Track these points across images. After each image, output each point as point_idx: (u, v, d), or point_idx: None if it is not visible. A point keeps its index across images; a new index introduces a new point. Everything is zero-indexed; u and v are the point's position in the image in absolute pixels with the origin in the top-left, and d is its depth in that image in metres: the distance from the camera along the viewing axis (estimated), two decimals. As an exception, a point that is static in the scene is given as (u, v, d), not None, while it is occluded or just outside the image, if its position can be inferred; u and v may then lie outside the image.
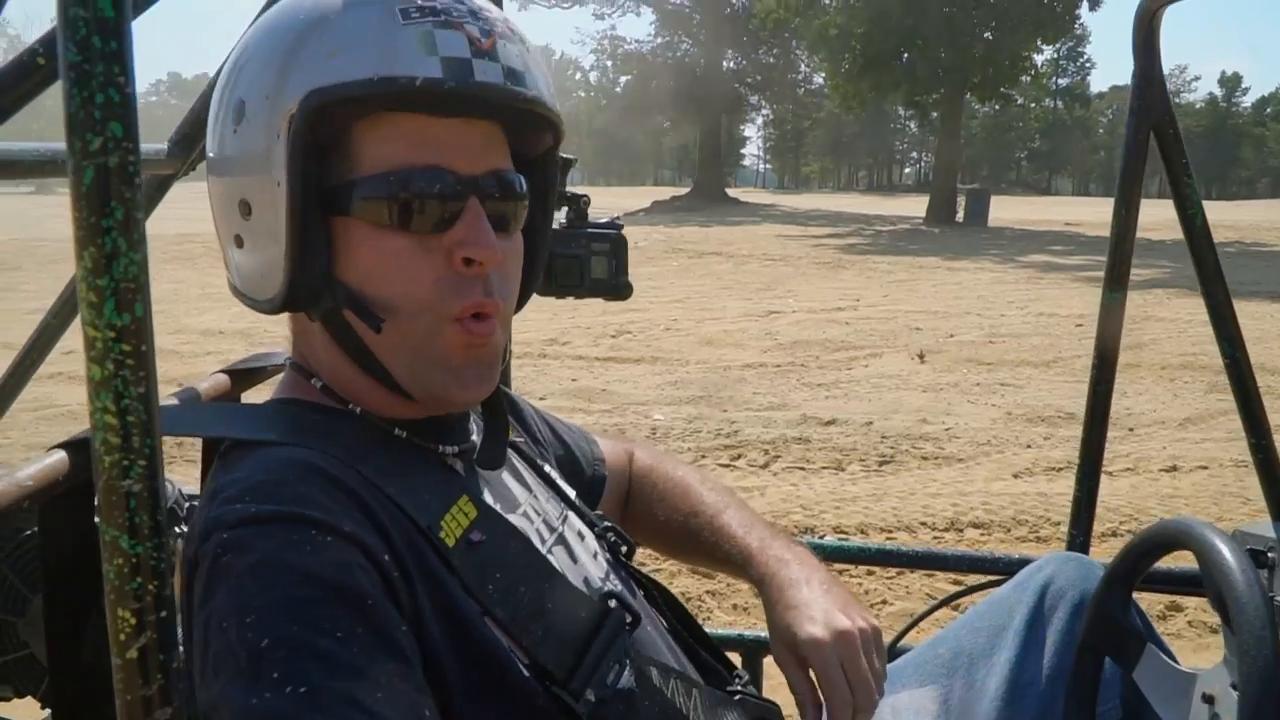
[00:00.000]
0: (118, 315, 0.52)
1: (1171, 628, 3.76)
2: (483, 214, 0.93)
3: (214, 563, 0.82)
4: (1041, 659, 1.39)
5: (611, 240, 1.34)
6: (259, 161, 0.91)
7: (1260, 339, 10.02)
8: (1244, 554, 1.14)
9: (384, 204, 0.91)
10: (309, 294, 0.94)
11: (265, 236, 0.93)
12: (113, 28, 0.51)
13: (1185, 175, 1.73)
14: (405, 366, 0.96)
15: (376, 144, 0.92)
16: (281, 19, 0.92)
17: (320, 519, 0.84)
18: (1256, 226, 30.34)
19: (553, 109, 0.97)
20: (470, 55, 0.89)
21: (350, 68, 0.87)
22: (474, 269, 0.93)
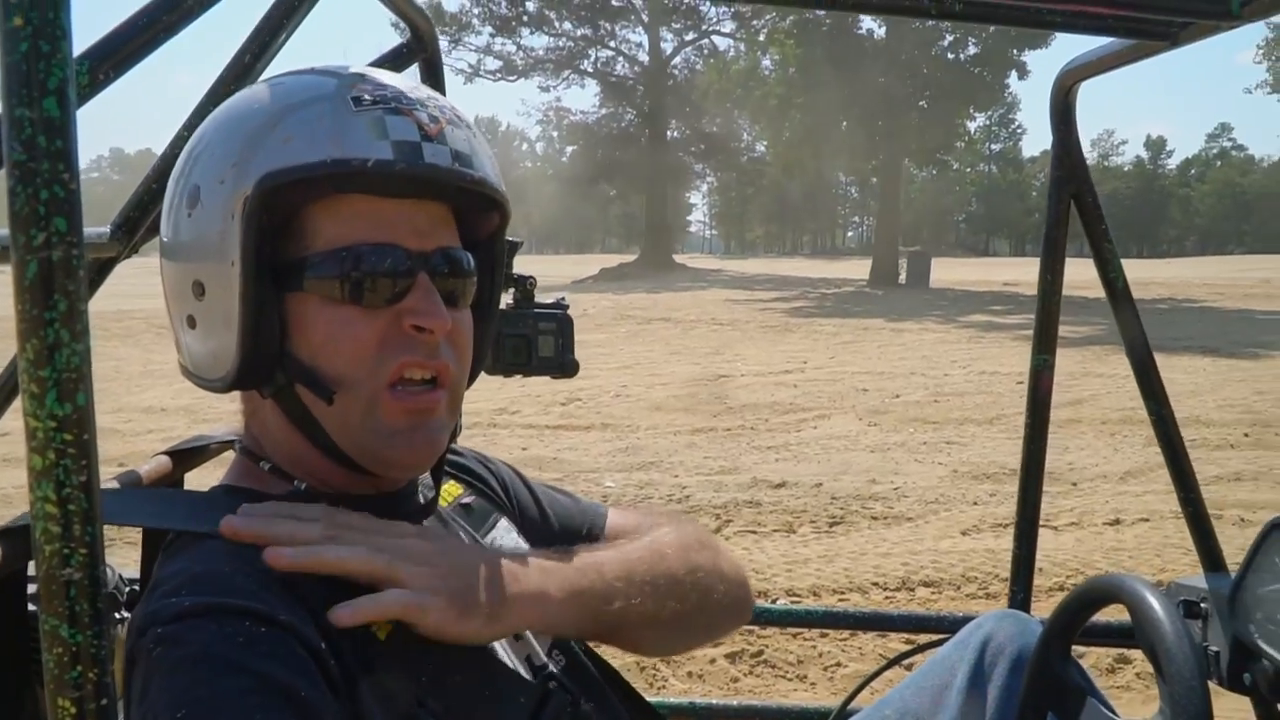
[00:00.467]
0: (59, 405, 0.53)
1: (1120, 679, 3.80)
2: (432, 287, 0.96)
3: (149, 657, 0.82)
4: (983, 715, 1.41)
5: (558, 320, 1.38)
6: (213, 243, 0.93)
7: (1194, 392, 10.29)
8: (1172, 606, 1.17)
9: (336, 280, 0.94)
10: (262, 370, 0.96)
11: (218, 316, 0.95)
12: (58, 127, 0.52)
13: (1105, 240, 1.79)
14: (353, 439, 0.97)
15: (329, 223, 0.95)
16: (237, 109, 0.97)
17: (255, 609, 0.84)
18: (1186, 283, 31.29)
19: (498, 190, 1.00)
20: (420, 139, 0.93)
21: (304, 151, 0.90)
22: (423, 335, 0.95)
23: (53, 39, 0.51)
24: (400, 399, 0.96)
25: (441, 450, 1.02)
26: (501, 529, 1.21)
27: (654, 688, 3.57)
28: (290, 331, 0.95)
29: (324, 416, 0.96)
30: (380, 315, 0.95)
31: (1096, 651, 3.88)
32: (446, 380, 0.99)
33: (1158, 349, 1.81)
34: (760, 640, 4.02)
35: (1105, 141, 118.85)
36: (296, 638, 0.84)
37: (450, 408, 1.02)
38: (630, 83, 53.45)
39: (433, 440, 0.99)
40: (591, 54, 52.39)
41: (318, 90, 0.94)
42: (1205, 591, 1.77)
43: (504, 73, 49.85)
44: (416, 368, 0.96)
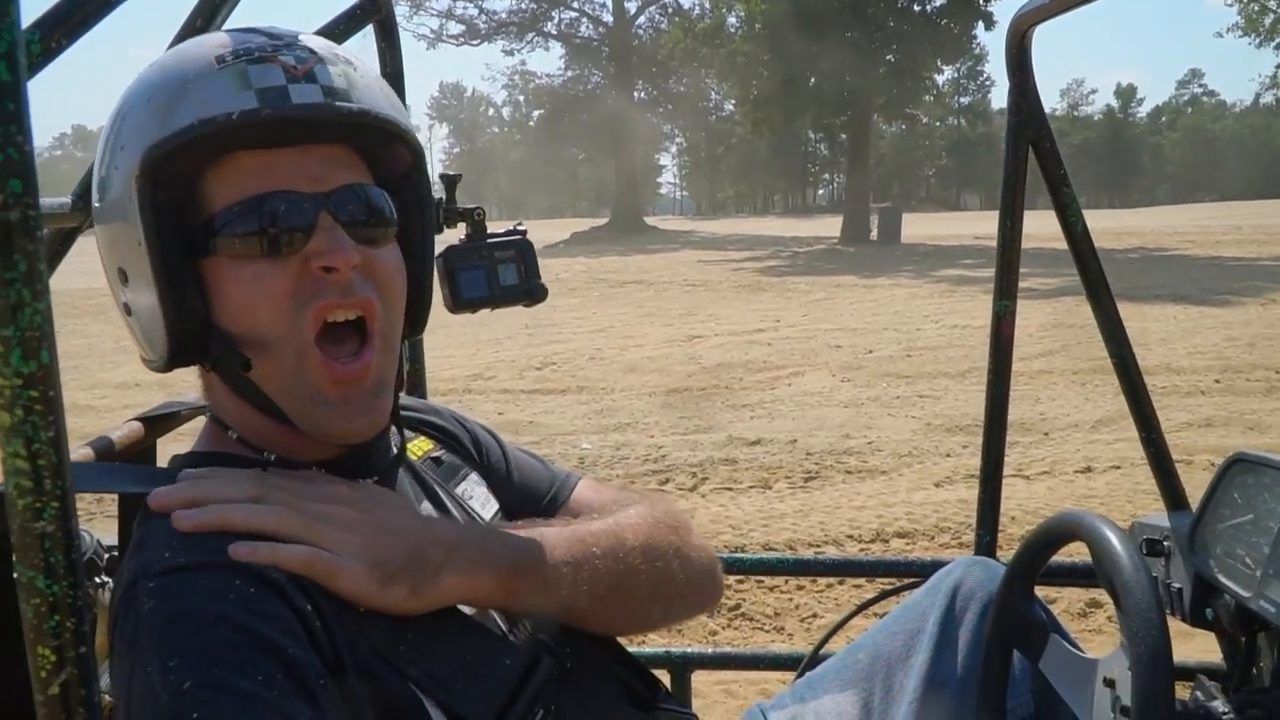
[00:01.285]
0: (24, 363, 0.54)
1: (1092, 624, 3.88)
2: (337, 226, 0.95)
3: (139, 610, 0.83)
4: (955, 659, 1.45)
5: (516, 245, 1.31)
6: (122, 227, 0.94)
7: (1164, 339, 10.41)
8: (1130, 540, 1.20)
9: (238, 236, 0.94)
10: (194, 344, 0.96)
11: (143, 297, 0.95)
12: (9, 90, 0.53)
13: (1064, 185, 1.81)
14: (289, 402, 0.97)
15: (222, 183, 0.95)
16: (122, 97, 0.97)
17: (244, 566, 0.86)
18: (1158, 232, 31.52)
19: (390, 118, 0.98)
20: (286, 82, 0.92)
21: (176, 119, 0.90)
22: (333, 276, 0.94)
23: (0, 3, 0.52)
24: (329, 367, 0.95)
25: (382, 412, 1.01)
26: (471, 481, 1.22)
27: (633, 641, 3.61)
28: (212, 300, 0.96)
29: (259, 379, 0.96)
30: (289, 265, 0.94)
31: (1068, 597, 3.96)
32: (373, 318, 0.98)
33: (1129, 298, 1.84)
34: (737, 594, 4.08)
35: (1075, 91, 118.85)
36: (283, 598, 0.86)
37: (386, 361, 1.01)
38: (595, 44, 53.00)
39: (367, 407, 0.99)
40: (555, 16, 51.91)
41: (185, 59, 0.95)
42: (1167, 530, 1.81)
43: (467, 37, 49.34)
44: (336, 309, 0.95)
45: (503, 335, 12.07)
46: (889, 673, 1.49)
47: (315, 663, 0.84)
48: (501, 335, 12.05)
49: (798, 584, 4.13)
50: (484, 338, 11.74)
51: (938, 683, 1.44)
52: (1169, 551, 1.80)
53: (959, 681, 1.44)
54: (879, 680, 1.49)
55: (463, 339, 11.61)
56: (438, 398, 2.12)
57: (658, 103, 55.32)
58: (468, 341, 11.48)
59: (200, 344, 0.96)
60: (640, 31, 53.10)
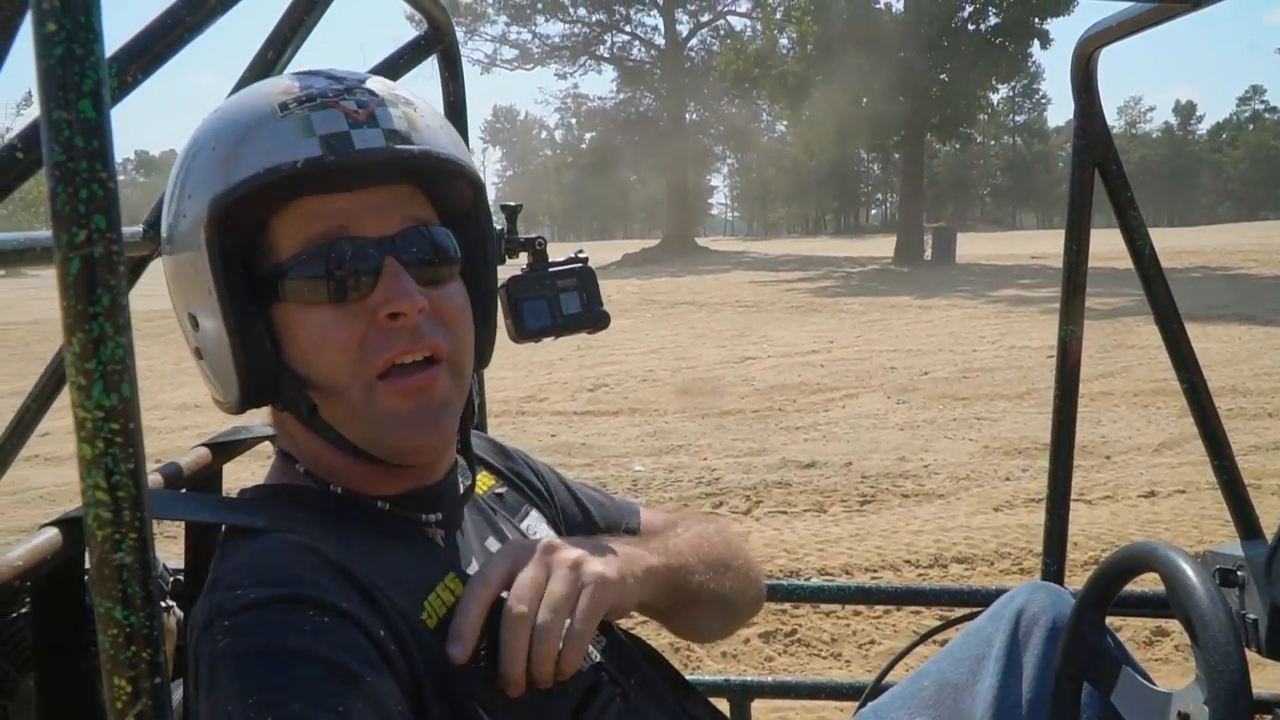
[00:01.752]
0: (106, 396, 0.55)
1: (1159, 652, 3.78)
2: (401, 269, 0.96)
3: (216, 650, 0.84)
4: (1021, 684, 1.42)
5: (578, 274, 1.32)
6: (191, 276, 0.96)
7: (1230, 360, 10.18)
8: (1206, 572, 1.17)
9: (306, 281, 0.95)
10: (266, 386, 0.98)
11: (214, 343, 0.97)
12: (94, 128, 0.54)
13: (1131, 209, 1.78)
14: (362, 434, 0.99)
15: (289, 230, 0.96)
16: (189, 143, 0.99)
17: (317, 598, 0.86)
18: (1220, 251, 30.87)
19: (451, 158, 0.99)
20: (348, 127, 0.93)
21: (241, 168, 0.92)
22: (400, 322, 0.96)
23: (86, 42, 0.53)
24: (393, 383, 0.96)
25: (450, 429, 1.03)
26: (533, 519, 1.23)
27: (689, 668, 3.59)
28: (283, 343, 0.97)
29: (330, 419, 0.98)
30: (357, 312, 0.96)
31: (1134, 624, 3.86)
32: (441, 357, 0.99)
33: (1192, 318, 1.81)
34: (794, 619, 4.03)
35: (1133, 109, 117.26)
36: (359, 626, 0.87)
37: (454, 384, 1.01)
38: (647, 67, 53.33)
39: (436, 420, 0.99)
40: (607, 39, 52.32)
41: (248, 107, 0.96)
42: (1241, 559, 1.76)
43: (520, 61, 49.90)
44: (404, 355, 0.96)
45: (555, 357, 12.13)
46: (957, 699, 1.46)
47: (392, 688, 0.85)
48: (554, 357, 12.11)
49: (855, 610, 4.07)
50: (537, 360, 11.80)
51: (1006, 709, 1.41)
52: (1243, 581, 1.75)
53: (1027, 707, 1.41)
54: (947, 707, 1.47)
55: (515, 361, 11.69)
56: (492, 419, 2.14)
57: (709, 124, 55.47)
58: (521, 364, 11.56)
59: (272, 386, 0.98)
60: (692, 54, 53.35)
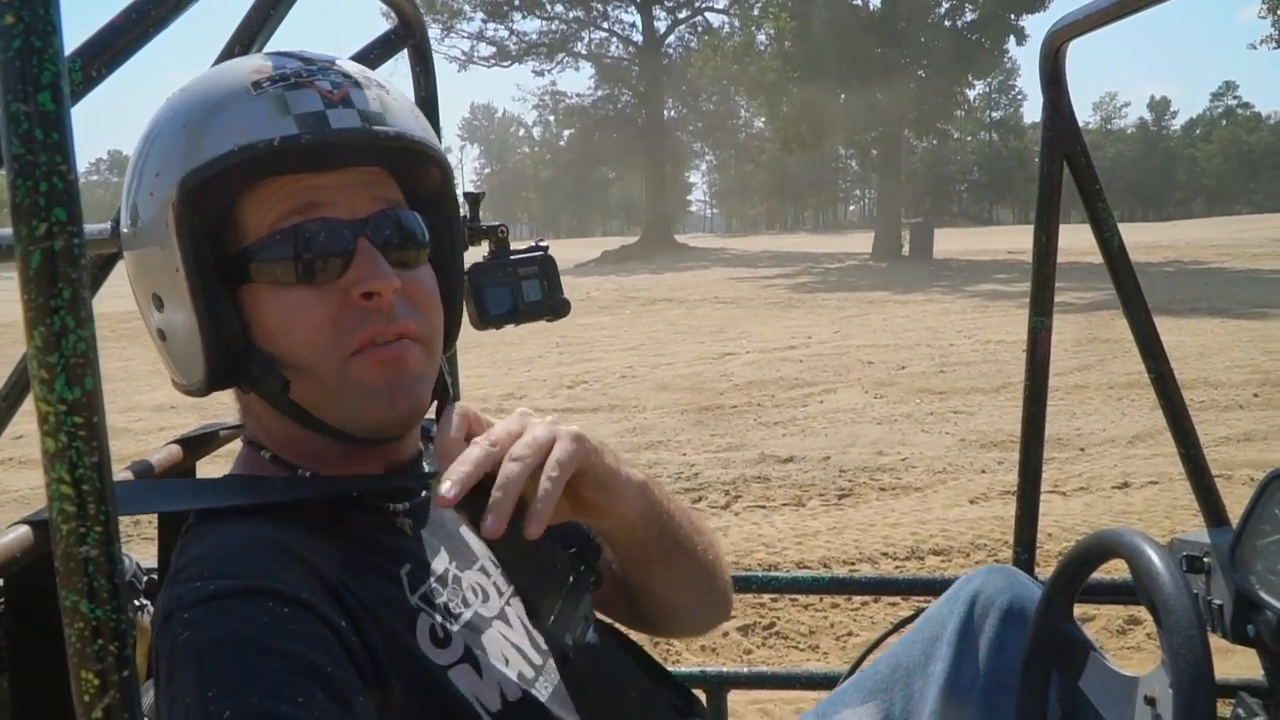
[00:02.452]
0: (69, 389, 0.55)
1: (1130, 640, 3.83)
2: (374, 251, 0.96)
3: (175, 642, 0.84)
4: (976, 665, 1.42)
5: (539, 261, 1.33)
6: (158, 253, 0.95)
7: (1202, 353, 10.28)
8: (1170, 557, 1.18)
9: (277, 262, 0.95)
10: (232, 368, 0.97)
11: (180, 323, 0.97)
12: (53, 120, 0.54)
13: (1099, 200, 1.80)
14: (335, 410, 0.98)
15: (260, 209, 0.96)
16: (154, 122, 0.98)
17: (277, 589, 0.86)
18: (1194, 245, 31.18)
19: (422, 141, 0.99)
20: (324, 107, 0.93)
21: (214, 146, 0.91)
22: (374, 301, 0.96)
23: (44, 35, 0.53)
24: (368, 356, 0.96)
25: (423, 402, 1.02)
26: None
27: (669, 661, 3.60)
28: (250, 323, 0.97)
29: (301, 397, 0.98)
30: (330, 292, 0.95)
31: (1107, 614, 3.90)
32: (413, 336, 0.99)
33: (1166, 312, 1.83)
34: (771, 612, 4.05)
35: (1108, 104, 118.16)
36: (318, 616, 0.86)
37: (427, 359, 1.02)
38: (625, 64, 53.30)
39: (411, 392, 0.99)
40: (585, 36, 52.27)
41: (220, 84, 0.95)
42: (1208, 546, 1.78)
43: (498, 58, 49.74)
44: (379, 335, 0.96)
45: (534, 354, 12.12)
46: (908, 681, 1.47)
47: (354, 679, 0.85)
48: (533, 354, 12.10)
49: (832, 602, 4.10)
50: (516, 357, 11.79)
51: (959, 690, 1.42)
52: (1210, 568, 1.77)
53: (981, 689, 1.41)
54: (899, 689, 1.47)
55: (495, 358, 11.68)
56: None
57: (688, 121, 55.53)
58: (500, 361, 11.54)
59: (239, 366, 0.97)
60: (670, 50, 53.35)
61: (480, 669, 0.98)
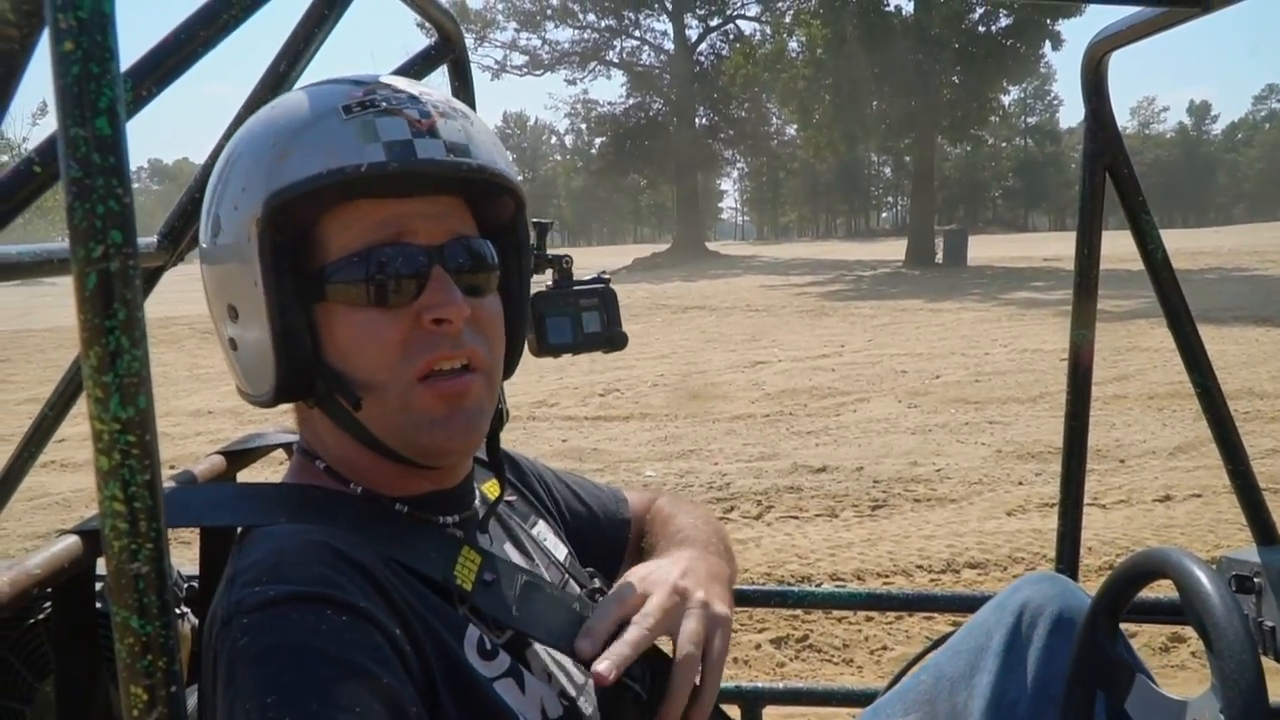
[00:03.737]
0: (123, 408, 0.55)
1: (1175, 659, 3.76)
2: (448, 278, 0.98)
3: (235, 647, 0.85)
4: (1025, 677, 1.38)
5: (600, 294, 1.36)
6: (237, 268, 0.97)
7: (1247, 363, 10.12)
8: (1221, 579, 1.16)
9: (354, 284, 0.97)
10: (301, 382, 0.99)
11: (253, 336, 0.98)
12: (110, 144, 0.54)
13: (1143, 212, 1.77)
14: (395, 434, 1.00)
15: (340, 231, 0.98)
16: (243, 139, 1.00)
17: (335, 596, 0.87)
18: (1236, 251, 30.72)
19: (503, 174, 1.01)
20: (411, 136, 0.95)
21: (302, 167, 0.93)
22: (443, 327, 0.98)
23: (102, 61, 0.53)
24: (433, 386, 0.98)
25: (480, 434, 1.05)
26: (542, 527, 1.27)
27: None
28: (322, 341, 0.99)
29: (365, 417, 1.00)
30: (401, 315, 0.97)
31: (1149, 630, 3.84)
32: (478, 365, 1.01)
33: (1208, 321, 1.80)
34: (805, 625, 4.03)
35: (1146, 109, 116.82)
36: (375, 624, 0.88)
37: (487, 392, 1.04)
38: (656, 72, 53.41)
39: (470, 424, 1.01)
40: (616, 44, 52.46)
41: (310, 106, 0.97)
42: (1258, 565, 1.75)
43: (530, 67, 50.05)
44: (444, 360, 0.98)
45: (566, 362, 12.10)
46: (952, 693, 1.43)
47: (409, 689, 0.86)
48: (565, 362, 12.09)
49: (867, 615, 4.06)
50: (548, 365, 11.81)
51: (1007, 701, 1.38)
52: (1260, 588, 1.74)
53: (1029, 702, 1.38)
54: (942, 702, 1.44)
55: (526, 366, 11.49)
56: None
57: (719, 128, 55.44)
58: (531, 369, 11.56)
59: (307, 381, 0.99)
60: (701, 58, 53.38)
61: (524, 684, 1.00)
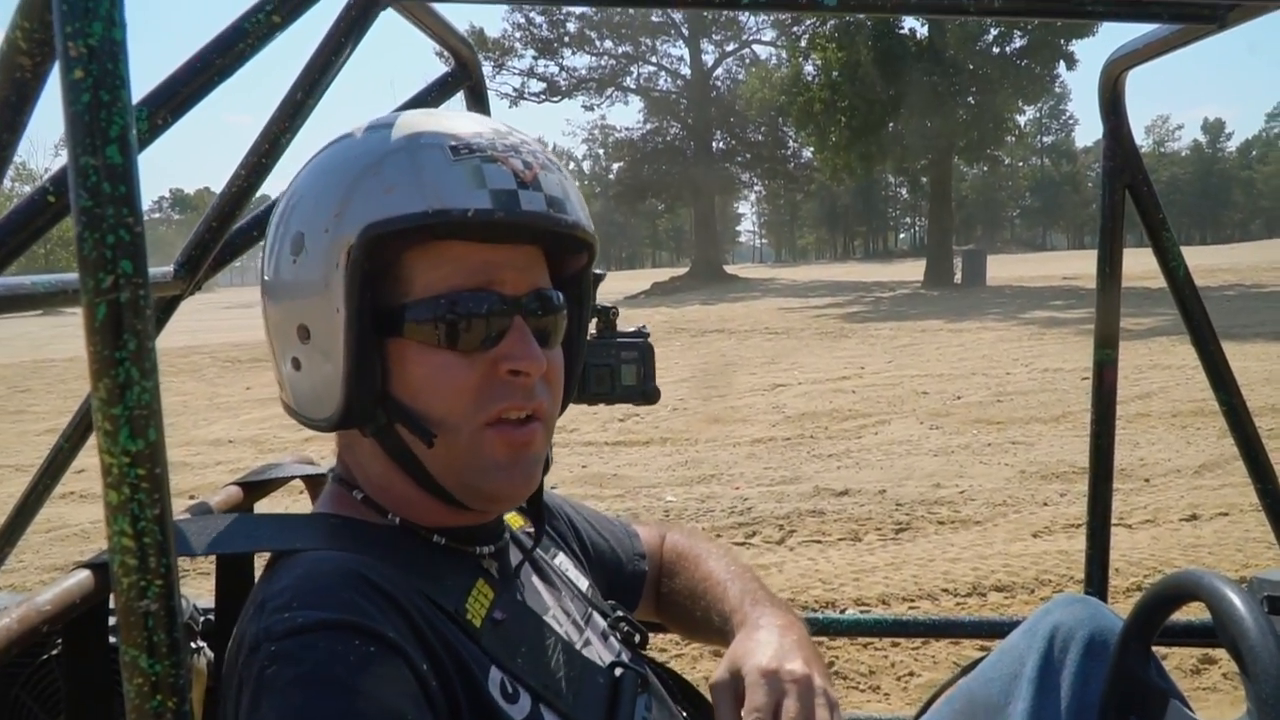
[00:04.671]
0: (132, 441, 0.55)
1: (1206, 681, 3.70)
2: (527, 330, 0.99)
3: (261, 675, 0.84)
4: (1059, 704, 1.37)
5: (639, 349, 1.42)
6: (318, 289, 0.96)
7: (1269, 379, 10.01)
8: (1254, 601, 1.14)
9: (434, 324, 0.97)
10: (364, 411, 0.99)
11: (322, 359, 0.98)
12: (121, 173, 0.54)
13: (1164, 230, 1.76)
14: (454, 475, 1.00)
15: (427, 270, 0.97)
16: (339, 159, 0.99)
17: (364, 625, 0.87)
18: (1254, 268, 30.50)
19: (589, 232, 1.03)
20: (516, 186, 0.95)
21: (405, 202, 0.93)
22: (520, 379, 0.99)
23: (113, 89, 0.53)
24: (500, 433, 0.99)
25: (536, 481, 1.06)
26: (563, 559, 1.28)
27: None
28: (391, 374, 0.98)
29: (425, 455, 1.00)
30: (477, 360, 0.98)
31: (1180, 653, 3.78)
32: (541, 415, 1.02)
33: (1228, 337, 1.77)
34: (830, 651, 3.98)
35: (1160, 128, 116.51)
36: (402, 656, 0.87)
37: (546, 441, 1.05)
38: (673, 97, 53.70)
39: (529, 473, 1.03)
40: (633, 70, 52.80)
41: (416, 138, 0.96)
42: (1290, 585, 1.72)
43: (548, 94, 50.35)
44: (515, 410, 0.99)
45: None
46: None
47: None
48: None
49: (893, 641, 4.01)
50: (567, 390, 11.81)
51: None
52: (1293, 609, 1.71)
53: None
54: None
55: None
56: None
57: (736, 152, 55.59)
58: (551, 394, 11.56)
59: (371, 413, 0.99)
60: (718, 83, 53.69)
61: None
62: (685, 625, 1.43)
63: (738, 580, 1.32)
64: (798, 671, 1.02)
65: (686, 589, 1.38)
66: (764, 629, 1.13)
